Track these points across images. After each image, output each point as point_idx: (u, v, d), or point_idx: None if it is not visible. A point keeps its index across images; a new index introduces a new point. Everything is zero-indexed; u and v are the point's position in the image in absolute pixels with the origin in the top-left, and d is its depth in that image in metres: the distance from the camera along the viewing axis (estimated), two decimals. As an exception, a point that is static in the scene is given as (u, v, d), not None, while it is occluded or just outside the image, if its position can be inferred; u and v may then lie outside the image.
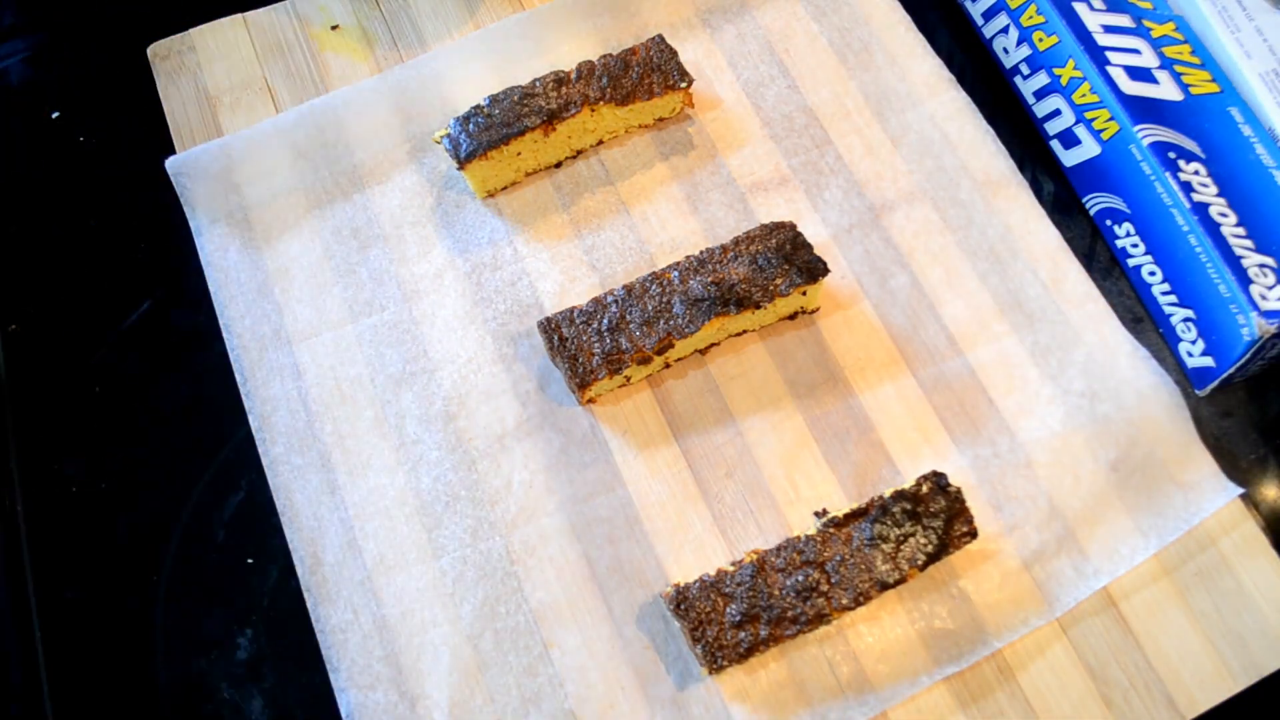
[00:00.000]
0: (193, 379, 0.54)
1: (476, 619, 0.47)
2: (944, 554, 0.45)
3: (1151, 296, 0.54)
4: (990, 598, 0.47)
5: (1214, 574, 0.48)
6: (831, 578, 0.45)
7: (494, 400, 0.51)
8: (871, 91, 0.59)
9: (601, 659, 0.46)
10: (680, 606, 0.45)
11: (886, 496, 0.47)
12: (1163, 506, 0.48)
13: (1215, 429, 0.51)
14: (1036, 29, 0.57)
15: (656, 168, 0.57)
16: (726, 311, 0.49)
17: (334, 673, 0.46)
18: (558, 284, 0.54)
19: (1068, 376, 0.52)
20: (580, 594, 0.48)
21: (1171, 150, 0.52)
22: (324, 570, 0.48)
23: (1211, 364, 0.51)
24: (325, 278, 0.55)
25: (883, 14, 0.61)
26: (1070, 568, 0.47)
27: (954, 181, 0.57)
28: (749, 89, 0.60)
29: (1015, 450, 0.50)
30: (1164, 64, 0.55)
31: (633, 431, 0.51)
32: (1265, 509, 0.50)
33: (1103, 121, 0.54)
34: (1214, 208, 0.50)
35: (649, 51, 0.56)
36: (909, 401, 0.51)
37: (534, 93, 0.54)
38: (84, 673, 0.47)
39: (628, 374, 0.50)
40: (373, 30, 0.62)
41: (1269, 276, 0.49)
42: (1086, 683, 0.46)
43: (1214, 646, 0.46)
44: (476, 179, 0.55)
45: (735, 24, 0.61)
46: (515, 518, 0.49)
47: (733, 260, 0.51)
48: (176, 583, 0.49)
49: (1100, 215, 0.56)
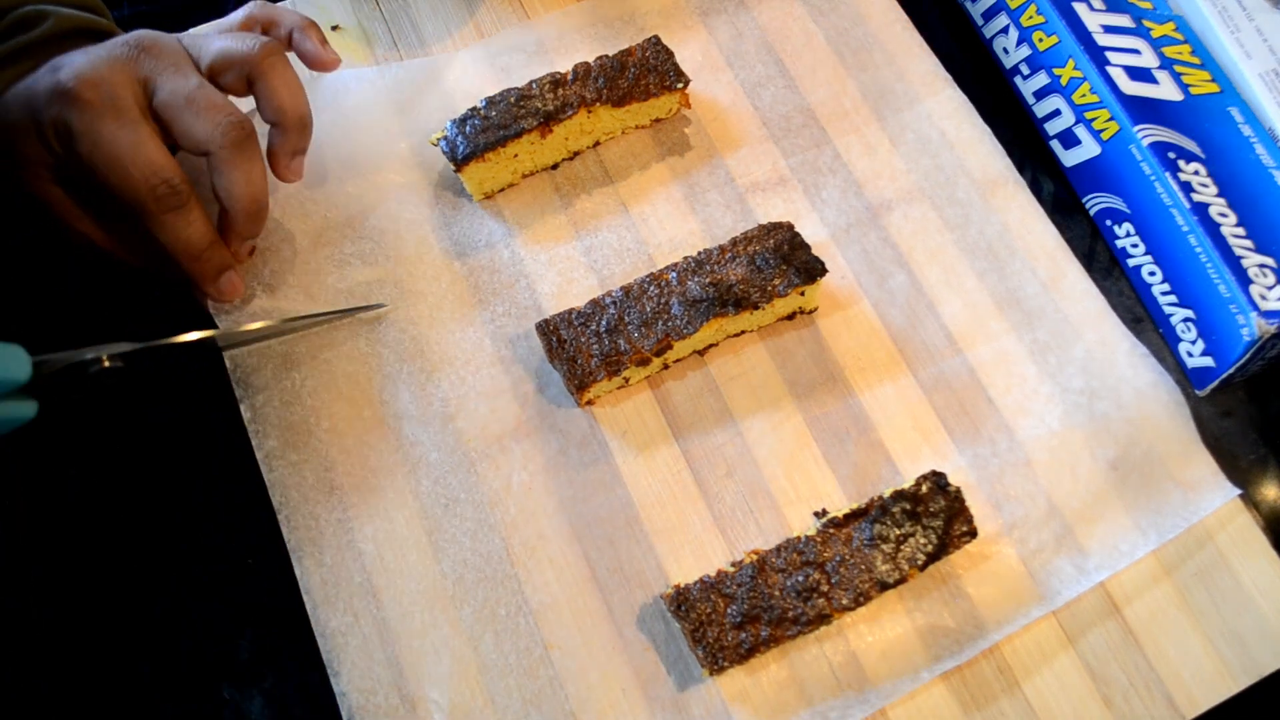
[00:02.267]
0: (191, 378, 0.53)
1: (477, 621, 0.47)
2: (944, 554, 0.46)
3: (1151, 296, 0.54)
4: (990, 596, 0.47)
5: (1214, 574, 0.48)
6: (832, 578, 0.45)
7: (493, 401, 0.51)
8: (870, 91, 0.59)
9: (602, 660, 0.46)
10: (681, 608, 0.45)
11: (886, 496, 0.47)
12: (1161, 505, 0.49)
13: (1215, 429, 0.51)
14: (1036, 29, 0.57)
15: (655, 168, 0.57)
16: (725, 312, 0.49)
17: (334, 676, 0.46)
18: (556, 285, 0.54)
19: (1066, 374, 0.52)
20: (580, 595, 0.48)
21: (1171, 150, 0.52)
22: (323, 572, 0.48)
23: (1211, 364, 0.51)
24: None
25: (880, 13, 0.61)
26: (1070, 565, 0.47)
27: (952, 180, 0.57)
28: (747, 89, 0.60)
29: (1014, 449, 0.50)
30: (1164, 64, 0.55)
31: (632, 432, 0.51)
32: (1265, 509, 0.50)
33: (1103, 121, 0.54)
34: (1214, 208, 0.50)
35: (645, 52, 0.56)
36: (908, 401, 0.51)
37: (530, 94, 0.54)
38: (83, 673, 0.47)
39: (626, 375, 0.50)
40: (373, 30, 0.62)
41: (1269, 276, 0.49)
42: (1086, 683, 0.46)
43: (1214, 646, 0.46)
44: (473, 181, 0.55)
45: (733, 24, 0.61)
46: (515, 519, 0.49)
47: (731, 261, 0.51)
48: (176, 584, 0.49)
49: (1100, 215, 0.56)
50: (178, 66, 0.46)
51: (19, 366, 0.42)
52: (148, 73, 0.45)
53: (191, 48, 0.48)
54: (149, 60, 0.45)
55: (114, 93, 0.44)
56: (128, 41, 0.46)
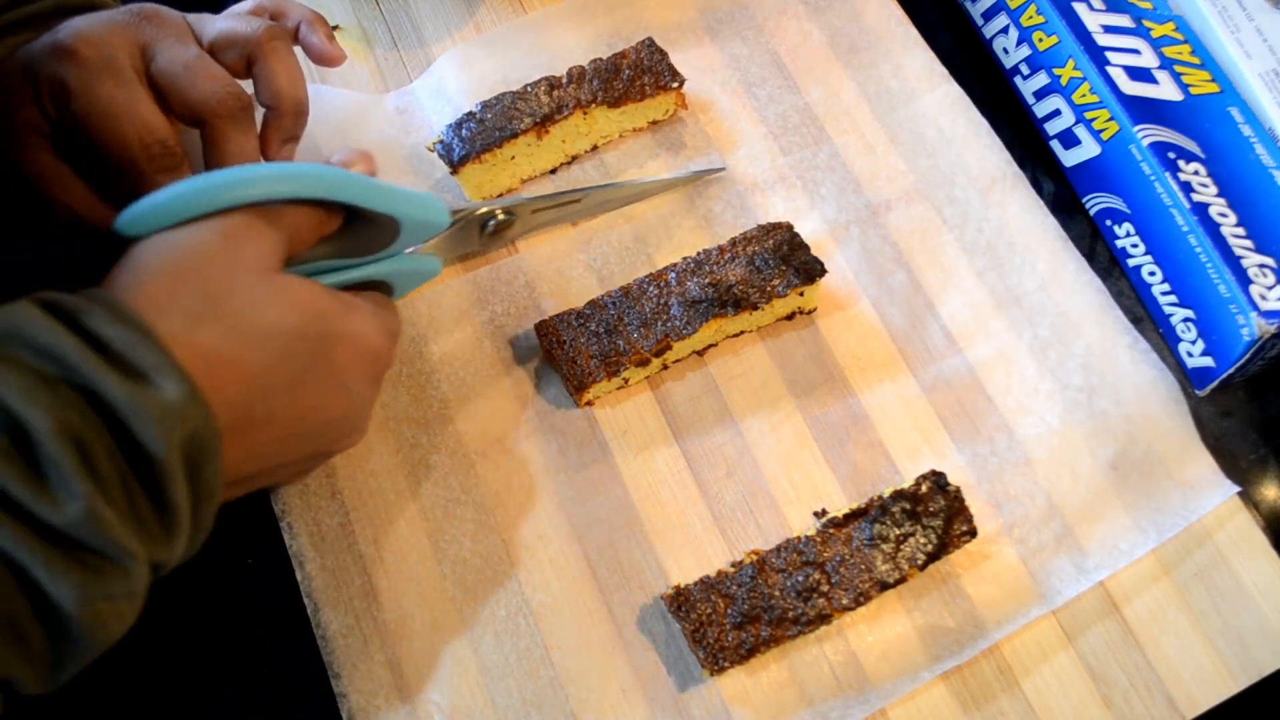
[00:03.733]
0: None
1: (477, 621, 0.47)
2: (944, 553, 0.46)
3: (1151, 297, 0.54)
4: (990, 596, 0.47)
5: (1214, 574, 0.48)
6: (832, 578, 0.45)
7: (492, 402, 0.51)
8: (868, 88, 0.59)
9: (602, 660, 0.46)
10: (680, 608, 0.45)
11: (886, 496, 0.47)
12: (1161, 503, 0.49)
13: (1215, 429, 0.51)
14: (1036, 29, 0.57)
15: (652, 168, 0.57)
16: (724, 313, 0.50)
17: (335, 678, 0.46)
18: (556, 285, 0.54)
19: (1066, 371, 0.52)
20: (580, 595, 0.48)
21: (1171, 150, 0.52)
22: (324, 575, 0.48)
23: (1211, 364, 0.51)
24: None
25: (876, 7, 0.61)
26: (1069, 565, 0.47)
27: (950, 178, 0.57)
28: (745, 87, 0.60)
29: (1014, 448, 0.50)
30: (1164, 64, 0.55)
31: (632, 432, 0.51)
32: (1265, 509, 0.50)
33: (1103, 121, 0.54)
34: (1214, 208, 0.50)
35: (639, 54, 0.56)
36: (908, 400, 0.51)
37: (525, 97, 0.54)
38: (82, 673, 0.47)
39: (626, 376, 0.50)
40: (373, 30, 0.62)
41: (1269, 276, 0.49)
42: (1086, 682, 0.46)
43: (1214, 646, 0.46)
44: (471, 184, 0.55)
45: (731, 23, 0.61)
46: (515, 519, 0.49)
47: (730, 261, 0.51)
48: (175, 585, 0.49)
49: (1100, 215, 0.56)
50: (178, 36, 0.46)
51: (440, 215, 0.44)
52: (148, 39, 0.45)
53: (195, 24, 0.47)
54: (150, 27, 0.45)
55: (111, 53, 0.43)
56: (130, 9, 0.45)
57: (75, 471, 0.30)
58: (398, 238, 0.43)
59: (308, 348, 0.37)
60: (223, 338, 0.35)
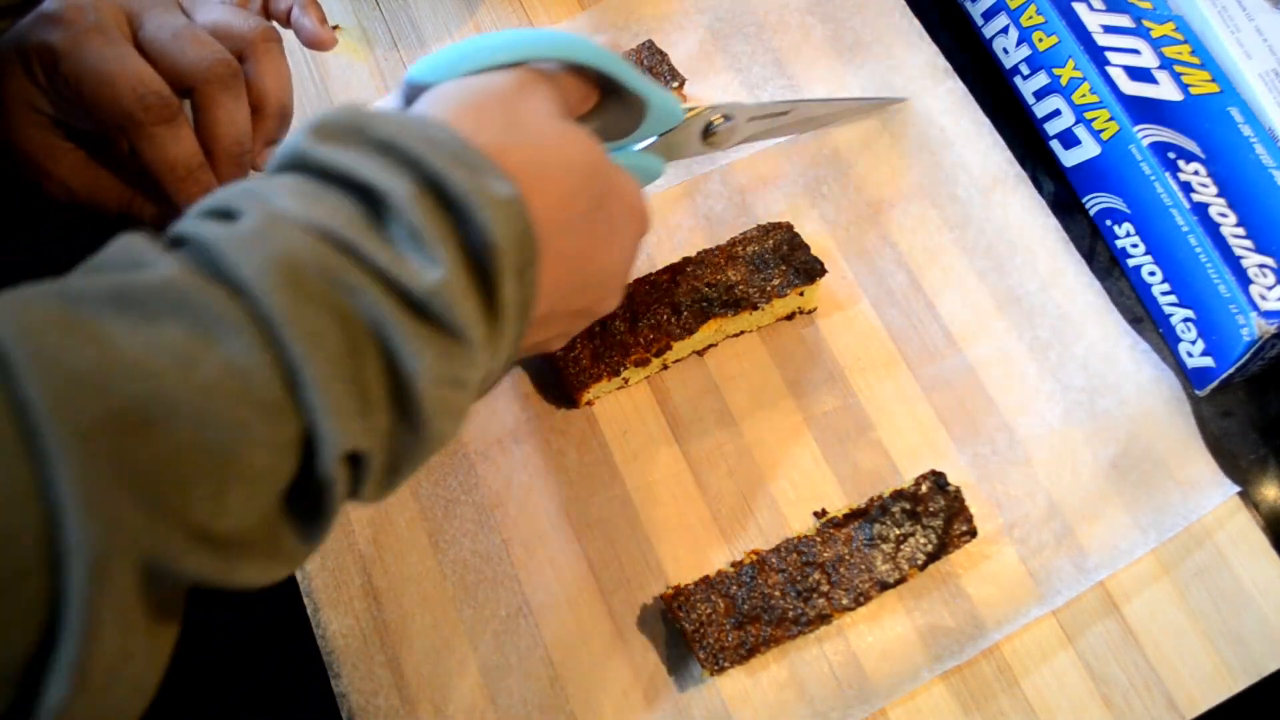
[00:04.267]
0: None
1: (477, 621, 0.47)
2: (944, 553, 0.46)
3: (1151, 297, 0.54)
4: (990, 596, 0.47)
5: (1214, 574, 0.48)
6: (831, 578, 0.45)
7: (492, 402, 0.51)
8: (868, 85, 0.59)
9: (602, 660, 0.46)
10: (681, 608, 0.45)
11: (886, 496, 0.47)
12: (1161, 503, 0.48)
13: (1215, 429, 0.51)
14: (1036, 29, 0.57)
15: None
16: (724, 313, 0.50)
17: (335, 678, 0.46)
18: (557, 285, 0.54)
19: (1067, 371, 0.51)
20: (580, 595, 0.48)
21: (1171, 150, 0.52)
22: (324, 575, 0.48)
23: (1211, 364, 0.51)
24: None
25: (878, 3, 0.61)
26: (1069, 564, 0.47)
27: (951, 177, 0.57)
28: (746, 87, 0.60)
29: (1014, 448, 0.50)
30: (1164, 64, 0.55)
31: (632, 432, 0.51)
32: (1265, 509, 0.50)
33: (1103, 121, 0.54)
34: (1214, 208, 0.50)
35: (639, 55, 0.56)
36: (908, 400, 0.51)
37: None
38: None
39: (626, 376, 0.50)
40: (373, 30, 0.62)
41: (1269, 276, 0.49)
42: (1086, 682, 0.46)
43: (1214, 646, 0.46)
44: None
45: (731, 22, 0.61)
46: (515, 519, 0.49)
47: (729, 261, 0.51)
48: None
49: (1100, 215, 0.56)
50: (167, 7, 0.45)
51: (679, 107, 0.44)
52: (135, 7, 0.44)
53: (188, 6, 0.47)
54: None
55: (99, 16, 0.43)
56: None
57: (438, 239, 0.30)
58: (639, 127, 0.43)
59: (593, 191, 0.37)
60: (529, 161, 0.34)
